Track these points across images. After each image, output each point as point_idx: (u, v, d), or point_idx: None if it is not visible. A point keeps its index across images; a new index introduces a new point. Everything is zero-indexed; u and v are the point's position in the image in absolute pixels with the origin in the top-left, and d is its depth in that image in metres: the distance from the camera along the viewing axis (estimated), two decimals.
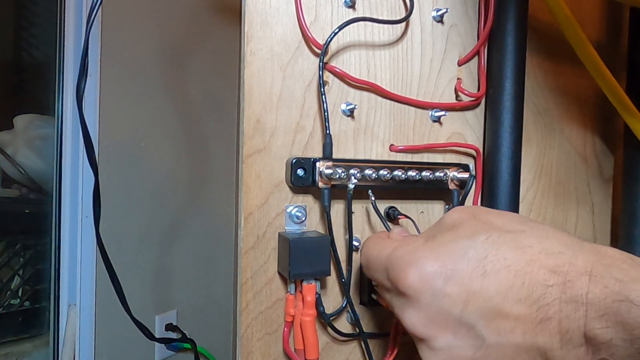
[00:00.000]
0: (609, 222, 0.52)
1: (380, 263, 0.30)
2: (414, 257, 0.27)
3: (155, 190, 0.97)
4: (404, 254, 0.28)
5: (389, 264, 0.29)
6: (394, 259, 0.29)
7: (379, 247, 0.31)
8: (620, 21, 0.51)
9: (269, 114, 0.37)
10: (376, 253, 0.31)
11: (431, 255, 0.27)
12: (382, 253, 0.30)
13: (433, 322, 0.26)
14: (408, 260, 0.27)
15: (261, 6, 0.37)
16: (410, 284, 0.26)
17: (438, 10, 0.42)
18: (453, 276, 0.25)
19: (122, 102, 0.90)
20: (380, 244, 0.32)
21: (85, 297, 0.85)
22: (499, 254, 0.25)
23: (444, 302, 0.25)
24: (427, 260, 0.26)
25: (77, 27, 0.86)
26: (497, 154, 0.41)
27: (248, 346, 0.37)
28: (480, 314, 0.24)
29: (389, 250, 0.30)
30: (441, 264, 0.26)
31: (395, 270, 0.28)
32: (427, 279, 0.26)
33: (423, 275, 0.26)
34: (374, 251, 0.32)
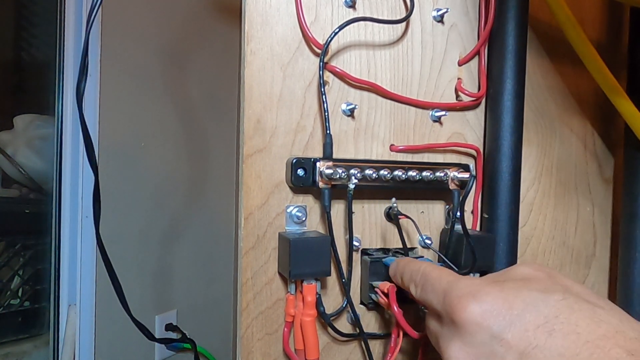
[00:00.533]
0: (610, 222, 0.52)
1: (439, 286, 0.28)
2: (480, 290, 0.26)
3: (155, 190, 0.97)
4: (470, 285, 0.27)
5: (450, 290, 0.27)
6: (458, 286, 0.27)
7: (441, 271, 0.30)
8: (620, 21, 0.51)
9: (269, 113, 0.37)
10: (437, 274, 0.30)
11: (499, 295, 0.25)
12: (444, 277, 0.29)
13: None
14: (473, 292, 0.26)
15: (261, 6, 0.37)
16: (468, 317, 0.25)
17: (438, 10, 0.42)
18: (517, 323, 0.24)
19: (122, 102, 0.90)
20: (443, 269, 0.31)
21: (85, 297, 0.85)
22: (572, 318, 0.23)
23: (499, 347, 0.24)
24: (493, 298, 0.25)
25: (77, 27, 0.86)
26: (498, 154, 0.41)
27: (248, 346, 0.37)
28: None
29: (453, 277, 0.28)
30: (508, 306, 0.24)
31: (454, 298, 0.26)
32: (489, 317, 0.24)
33: (485, 312, 0.24)
34: (435, 272, 0.30)
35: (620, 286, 0.46)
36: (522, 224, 0.46)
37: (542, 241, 0.48)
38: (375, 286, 0.38)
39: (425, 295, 0.30)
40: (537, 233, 0.48)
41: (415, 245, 0.42)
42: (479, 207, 0.43)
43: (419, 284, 0.31)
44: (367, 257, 0.40)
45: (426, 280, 0.30)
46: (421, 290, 0.30)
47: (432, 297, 0.29)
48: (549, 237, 0.48)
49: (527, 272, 0.27)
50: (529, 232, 0.47)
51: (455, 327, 0.26)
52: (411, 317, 0.42)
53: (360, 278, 0.40)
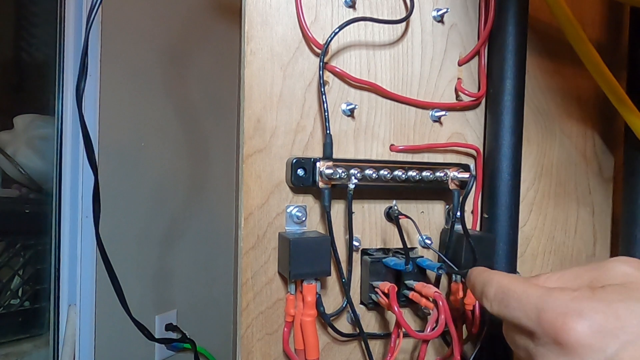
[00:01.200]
0: (610, 222, 0.52)
1: (529, 304, 0.25)
2: (584, 306, 0.23)
3: (155, 190, 0.97)
4: (569, 300, 0.24)
5: (546, 307, 0.24)
6: (555, 303, 0.24)
7: (524, 285, 0.27)
8: (620, 21, 0.51)
9: (269, 113, 0.37)
10: (522, 289, 0.26)
11: (607, 310, 0.23)
12: (532, 292, 0.26)
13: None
14: (577, 309, 0.23)
15: (261, 6, 0.37)
16: (577, 339, 0.22)
17: (438, 10, 0.42)
18: (632, 343, 0.22)
19: (122, 102, 0.90)
20: (524, 282, 0.27)
21: (85, 297, 0.85)
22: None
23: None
24: (604, 316, 0.22)
25: (77, 27, 0.86)
26: (498, 154, 0.41)
27: (248, 346, 0.37)
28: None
29: (542, 290, 0.25)
30: (620, 324, 0.22)
31: (555, 316, 0.23)
32: (601, 336, 0.22)
33: (596, 330, 0.22)
34: (518, 286, 0.27)
35: None
36: (522, 224, 0.46)
37: (542, 241, 0.48)
38: (375, 286, 0.38)
39: (508, 312, 0.27)
40: (537, 233, 0.48)
41: (415, 245, 0.42)
42: (479, 207, 0.43)
43: (495, 298, 0.28)
44: (367, 257, 0.40)
45: (506, 294, 0.27)
46: (499, 305, 0.27)
47: (520, 314, 0.26)
48: (549, 237, 0.48)
49: (626, 271, 0.25)
50: (529, 232, 0.47)
51: (560, 349, 0.23)
52: (411, 317, 0.42)
53: (360, 278, 0.40)
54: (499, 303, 0.27)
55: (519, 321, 0.26)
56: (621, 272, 0.25)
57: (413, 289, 0.38)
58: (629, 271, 0.25)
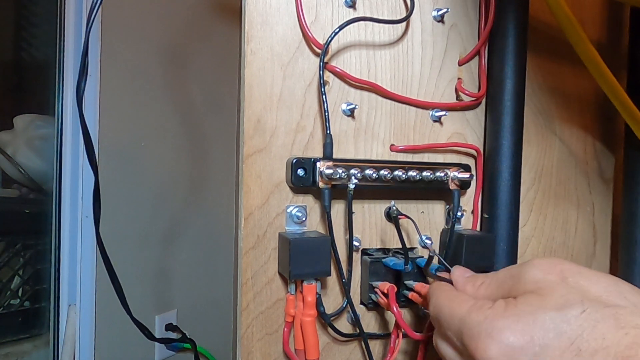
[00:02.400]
0: (610, 222, 0.52)
1: (453, 324, 0.27)
2: (495, 326, 0.24)
3: (155, 190, 0.97)
4: (483, 321, 0.25)
5: (465, 329, 0.26)
6: (471, 324, 0.26)
7: (451, 305, 0.28)
8: (620, 21, 0.51)
9: (269, 113, 0.37)
10: (449, 312, 0.28)
11: (516, 327, 0.24)
12: (456, 313, 0.27)
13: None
14: (488, 330, 0.24)
15: (261, 6, 0.37)
16: (490, 358, 0.24)
17: (438, 10, 0.42)
18: (541, 354, 0.23)
19: (122, 102, 0.90)
20: (452, 301, 0.29)
21: (85, 297, 0.85)
22: (596, 332, 0.22)
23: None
24: (511, 333, 0.23)
25: (77, 27, 0.86)
26: (498, 154, 0.41)
27: (248, 346, 0.37)
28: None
29: (464, 310, 0.27)
30: (529, 338, 0.23)
31: (472, 338, 0.25)
32: (511, 354, 0.23)
33: (507, 351, 0.23)
34: (446, 309, 0.29)
35: None
36: (522, 224, 0.46)
37: (542, 241, 0.48)
38: (375, 286, 0.38)
39: (444, 332, 0.29)
40: (537, 233, 0.48)
41: (415, 245, 0.42)
42: (479, 207, 0.43)
43: (435, 319, 0.30)
44: (367, 257, 0.40)
45: (439, 318, 0.29)
46: (437, 326, 0.30)
47: (450, 335, 0.28)
48: (549, 237, 0.48)
49: (539, 277, 0.26)
50: (529, 232, 0.47)
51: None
52: (411, 317, 0.42)
53: (360, 278, 0.40)
54: (436, 323, 0.30)
55: (451, 340, 0.28)
56: (533, 278, 0.26)
57: (412, 289, 0.38)
58: (539, 276, 0.26)
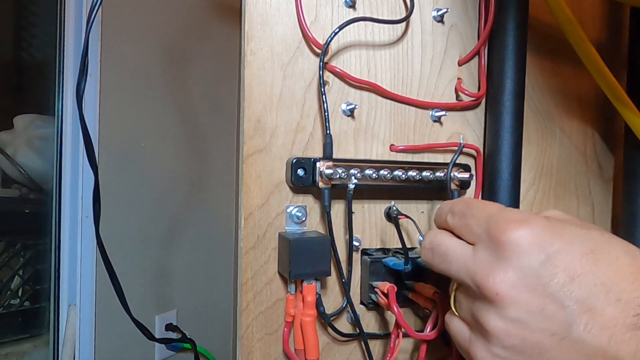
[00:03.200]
0: (610, 222, 0.52)
1: (483, 211, 0.28)
2: (529, 219, 0.25)
3: (155, 190, 0.97)
4: (519, 214, 0.26)
5: (497, 214, 0.27)
6: (505, 212, 0.27)
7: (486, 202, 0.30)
8: (620, 21, 0.51)
9: (269, 113, 0.37)
10: (482, 203, 0.29)
11: (548, 224, 0.25)
12: (489, 205, 0.29)
13: (524, 286, 0.24)
14: (522, 219, 0.25)
15: (261, 6, 0.37)
16: (518, 240, 0.25)
17: (438, 10, 0.42)
18: (565, 250, 0.24)
19: (122, 102, 0.90)
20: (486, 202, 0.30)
21: (85, 297, 0.85)
22: (612, 251, 0.24)
23: (546, 270, 0.24)
24: (543, 226, 0.25)
25: (77, 27, 0.86)
26: (498, 154, 0.41)
27: (248, 346, 0.37)
28: (578, 297, 0.23)
29: (499, 206, 0.28)
30: (557, 235, 0.25)
31: (503, 221, 0.26)
32: (539, 241, 0.24)
33: (536, 236, 0.24)
34: (478, 201, 0.30)
35: None
36: None
37: None
38: (375, 286, 0.38)
39: (465, 220, 0.29)
40: None
41: (415, 246, 0.42)
42: None
43: (459, 211, 0.29)
44: (367, 257, 0.40)
45: (468, 206, 0.29)
46: (460, 217, 0.29)
47: (473, 222, 0.28)
48: None
49: (558, 214, 0.28)
50: None
51: (501, 250, 0.25)
52: (411, 317, 0.42)
53: (360, 278, 0.40)
54: (461, 215, 0.29)
55: (470, 228, 0.28)
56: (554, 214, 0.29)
57: (413, 289, 0.38)
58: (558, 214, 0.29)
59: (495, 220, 0.26)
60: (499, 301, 0.24)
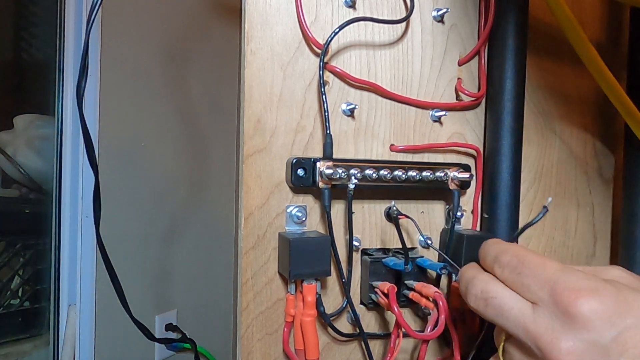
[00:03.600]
0: (609, 222, 0.52)
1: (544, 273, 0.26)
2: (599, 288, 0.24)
3: (155, 190, 0.97)
4: (585, 279, 0.25)
5: (561, 280, 0.25)
6: (570, 277, 0.25)
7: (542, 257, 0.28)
8: (620, 21, 0.51)
9: (269, 113, 0.37)
10: (540, 260, 0.27)
11: (619, 295, 0.24)
12: (549, 264, 0.27)
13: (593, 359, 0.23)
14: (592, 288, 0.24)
15: (261, 6, 0.37)
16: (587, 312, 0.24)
17: (438, 10, 0.42)
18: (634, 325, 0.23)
19: (122, 102, 0.90)
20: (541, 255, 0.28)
21: (85, 297, 0.85)
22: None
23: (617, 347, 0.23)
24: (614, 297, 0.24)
25: (77, 27, 0.86)
26: (498, 154, 0.41)
27: (248, 346, 0.37)
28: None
29: (559, 266, 0.27)
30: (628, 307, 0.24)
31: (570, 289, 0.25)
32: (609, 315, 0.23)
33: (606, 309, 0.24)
34: (535, 257, 0.28)
35: None
36: (522, 223, 0.46)
37: (542, 241, 0.48)
38: (375, 286, 0.38)
39: (519, 279, 0.27)
40: (537, 233, 0.48)
41: (415, 245, 0.42)
42: (479, 207, 0.43)
43: (509, 265, 0.28)
44: (367, 257, 0.40)
45: (521, 262, 0.28)
46: (512, 272, 0.28)
47: (532, 283, 0.26)
48: (549, 237, 0.48)
49: (621, 274, 0.27)
50: (529, 232, 0.47)
51: (569, 320, 0.24)
52: (411, 318, 0.42)
53: (360, 278, 0.40)
54: (512, 269, 0.28)
55: (529, 289, 0.26)
56: (616, 274, 0.27)
57: (413, 289, 0.38)
58: (623, 275, 0.27)
59: (563, 288, 0.25)
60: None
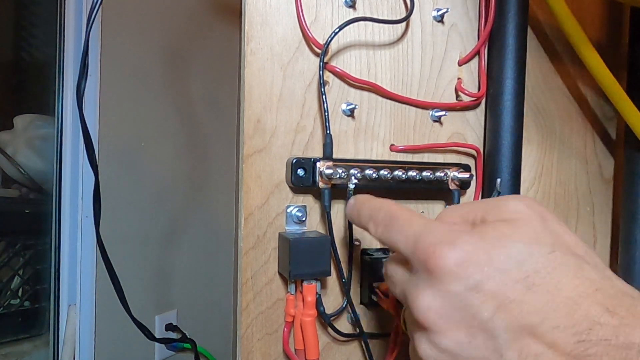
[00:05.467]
0: (609, 222, 0.52)
1: (410, 229, 0.26)
2: (459, 238, 0.23)
3: (155, 190, 0.97)
4: (447, 231, 0.24)
5: (424, 234, 0.24)
6: (433, 231, 0.24)
7: (411, 213, 0.27)
8: (620, 21, 0.51)
9: (269, 113, 0.37)
10: (407, 216, 0.26)
11: (479, 244, 0.23)
12: (416, 220, 0.26)
13: (451, 315, 0.23)
14: (451, 239, 0.23)
15: (261, 6, 0.37)
16: (445, 265, 0.23)
17: (438, 10, 0.42)
18: (495, 277, 0.22)
19: (122, 102, 0.90)
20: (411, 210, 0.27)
21: (85, 297, 0.85)
22: (555, 273, 0.22)
23: (474, 299, 0.22)
24: (473, 248, 0.23)
25: (77, 27, 0.86)
26: (498, 154, 0.41)
27: (248, 346, 0.37)
28: (509, 326, 0.22)
29: (425, 220, 0.26)
30: (488, 258, 0.22)
31: (429, 244, 0.24)
32: (467, 267, 0.22)
33: (464, 261, 0.22)
34: (404, 213, 0.27)
35: None
36: None
37: None
38: (375, 286, 0.38)
39: (390, 235, 0.27)
40: None
41: None
42: None
43: (381, 222, 0.28)
44: (367, 257, 0.40)
45: (392, 219, 0.27)
46: (384, 229, 0.27)
47: (400, 239, 0.26)
48: None
49: (519, 208, 0.25)
50: None
51: (428, 275, 0.23)
52: None
53: (360, 278, 0.40)
54: (384, 227, 0.27)
55: (398, 246, 0.26)
56: (513, 208, 0.25)
57: None
58: (519, 208, 0.25)
59: (423, 243, 0.24)
60: (429, 329, 0.23)
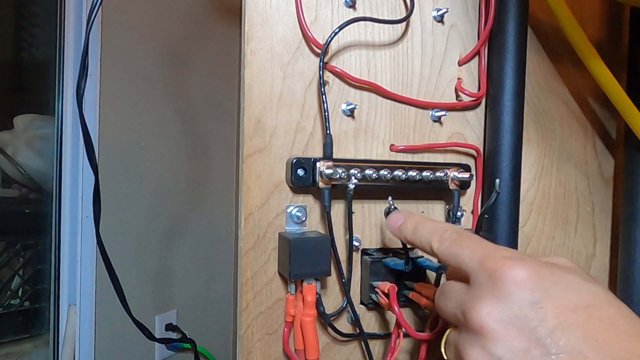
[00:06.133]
0: (609, 222, 0.52)
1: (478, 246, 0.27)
2: (527, 258, 0.25)
3: (155, 190, 0.97)
4: (517, 252, 0.26)
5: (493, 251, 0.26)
6: (504, 249, 0.26)
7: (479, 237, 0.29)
8: (620, 21, 0.51)
9: (269, 113, 0.37)
10: (477, 238, 0.28)
11: (545, 269, 0.25)
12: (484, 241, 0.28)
13: (510, 324, 0.23)
14: (520, 257, 0.25)
15: (261, 6, 0.37)
16: (512, 276, 0.24)
17: (438, 10, 0.42)
18: (559, 297, 0.23)
19: (122, 102, 0.90)
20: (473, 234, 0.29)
21: (85, 297, 0.85)
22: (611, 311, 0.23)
23: (534, 314, 0.23)
24: (539, 269, 0.24)
25: (77, 27, 0.86)
26: (498, 154, 0.41)
27: (248, 346, 0.37)
28: (566, 347, 0.22)
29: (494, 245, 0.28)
30: (554, 280, 0.24)
31: (500, 257, 0.25)
32: (533, 282, 0.24)
33: (531, 276, 0.24)
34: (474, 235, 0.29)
35: (621, 286, 0.46)
36: (522, 224, 0.46)
37: (542, 241, 0.48)
38: (375, 286, 0.38)
39: (455, 251, 0.28)
40: (537, 233, 0.48)
41: None
42: (479, 207, 0.43)
43: (448, 239, 0.29)
44: (367, 257, 0.40)
45: (460, 237, 0.29)
46: (449, 245, 0.29)
47: (466, 253, 0.27)
48: (549, 237, 0.48)
49: (565, 262, 0.27)
50: (529, 232, 0.47)
51: (493, 285, 0.24)
52: (412, 317, 0.42)
53: (360, 278, 0.40)
54: (451, 242, 0.29)
55: (463, 259, 0.27)
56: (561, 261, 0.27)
57: (413, 289, 0.38)
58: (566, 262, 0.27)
59: (493, 257, 0.25)
60: (483, 334, 0.24)
